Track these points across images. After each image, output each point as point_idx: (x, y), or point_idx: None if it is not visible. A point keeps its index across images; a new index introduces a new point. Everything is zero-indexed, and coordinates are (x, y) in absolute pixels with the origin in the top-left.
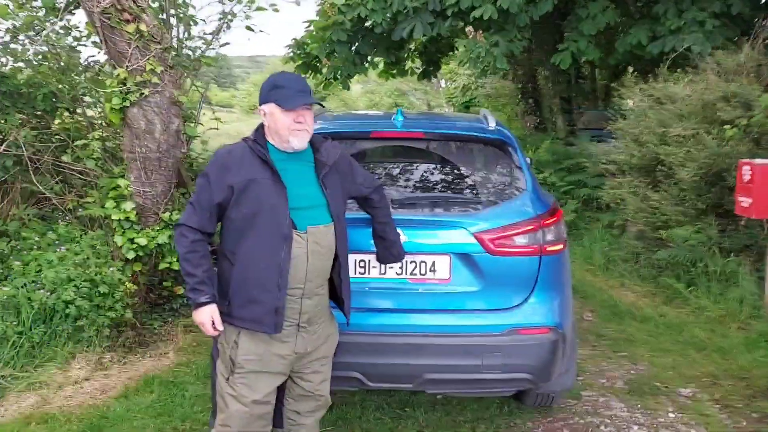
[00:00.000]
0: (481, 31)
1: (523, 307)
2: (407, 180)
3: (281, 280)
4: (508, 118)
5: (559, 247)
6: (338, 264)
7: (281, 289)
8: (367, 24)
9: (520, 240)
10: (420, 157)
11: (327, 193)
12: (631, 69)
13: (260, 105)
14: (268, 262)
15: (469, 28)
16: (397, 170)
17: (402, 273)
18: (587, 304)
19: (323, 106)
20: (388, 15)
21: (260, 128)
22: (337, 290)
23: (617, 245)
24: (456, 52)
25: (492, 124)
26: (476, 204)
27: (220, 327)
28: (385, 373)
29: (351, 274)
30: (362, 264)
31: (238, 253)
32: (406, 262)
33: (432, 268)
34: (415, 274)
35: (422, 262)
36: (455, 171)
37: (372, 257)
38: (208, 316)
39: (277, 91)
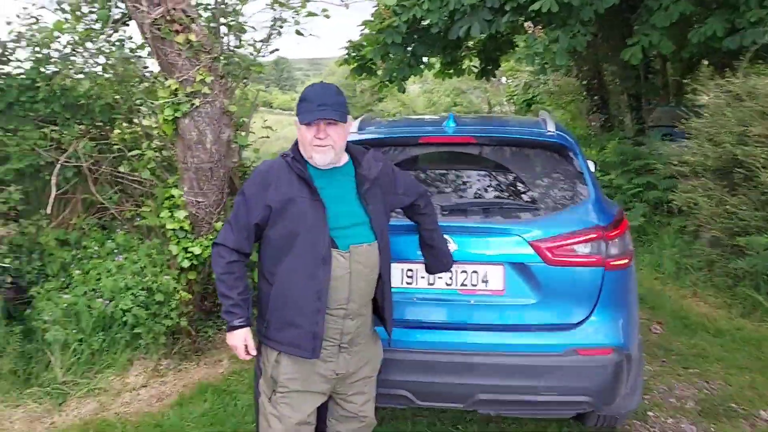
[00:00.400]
0: (540, 27)
1: (583, 326)
2: (458, 186)
3: (319, 303)
4: (572, 116)
5: (625, 261)
6: (381, 282)
7: (319, 313)
8: (422, 24)
9: (581, 250)
10: (472, 162)
11: (369, 210)
12: (705, 62)
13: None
14: (305, 285)
15: (528, 24)
16: (448, 176)
17: (452, 284)
18: (655, 315)
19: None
20: (444, 14)
21: (297, 143)
22: (380, 308)
23: (689, 252)
24: (516, 49)
25: (551, 128)
26: (533, 211)
27: (253, 351)
28: (435, 392)
29: (398, 284)
30: (410, 273)
31: (276, 274)
32: (456, 271)
33: (484, 279)
34: (466, 285)
35: (474, 272)
36: (510, 177)
37: (420, 266)
38: (241, 340)
39: (301, 104)
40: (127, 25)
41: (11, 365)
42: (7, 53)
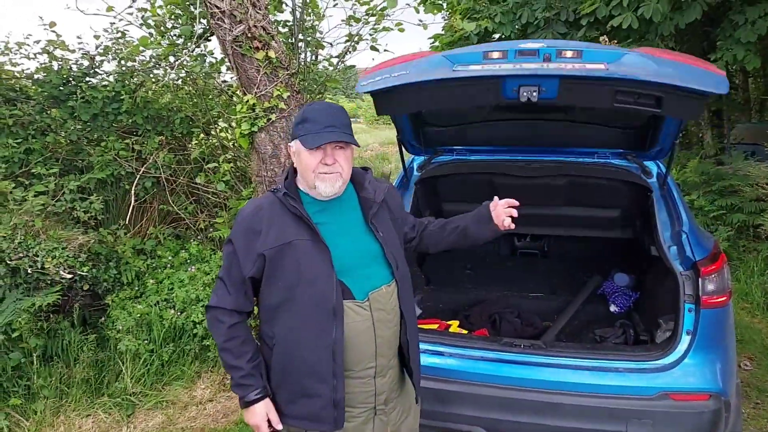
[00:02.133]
0: (616, 41)
1: (678, 368)
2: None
3: (336, 366)
4: None
5: (722, 299)
6: (403, 322)
7: (336, 377)
8: (493, 38)
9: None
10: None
11: (380, 237)
12: None
13: (291, 143)
14: (315, 344)
15: (603, 38)
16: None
17: None
18: (745, 349)
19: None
20: (516, 27)
21: (290, 173)
22: (404, 354)
23: None
24: None
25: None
26: None
27: (279, 426)
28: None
29: None
30: None
31: (276, 336)
32: None
33: None
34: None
35: None
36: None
37: None
38: (262, 416)
39: (303, 125)
40: (209, 40)
41: (84, 373)
42: (94, 66)
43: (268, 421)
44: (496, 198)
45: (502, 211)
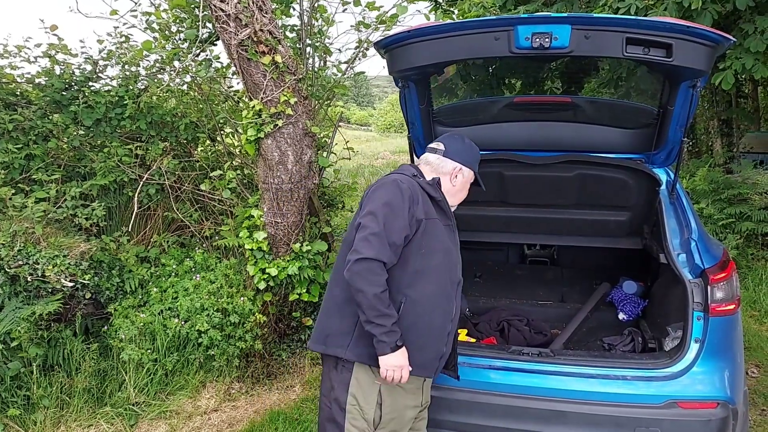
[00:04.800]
0: None
1: (686, 376)
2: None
3: (451, 326)
4: None
5: (731, 307)
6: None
7: (449, 336)
8: None
9: None
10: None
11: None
12: None
13: (460, 163)
14: (444, 310)
15: None
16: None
17: None
18: (752, 357)
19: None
20: None
21: (420, 170)
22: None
23: None
24: (601, 71)
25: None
26: None
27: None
28: None
29: None
30: None
31: (409, 297)
32: None
33: None
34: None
35: None
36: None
37: None
38: (405, 357)
39: (472, 152)
40: (215, 45)
41: (85, 383)
42: (97, 70)
43: None
44: None
45: None
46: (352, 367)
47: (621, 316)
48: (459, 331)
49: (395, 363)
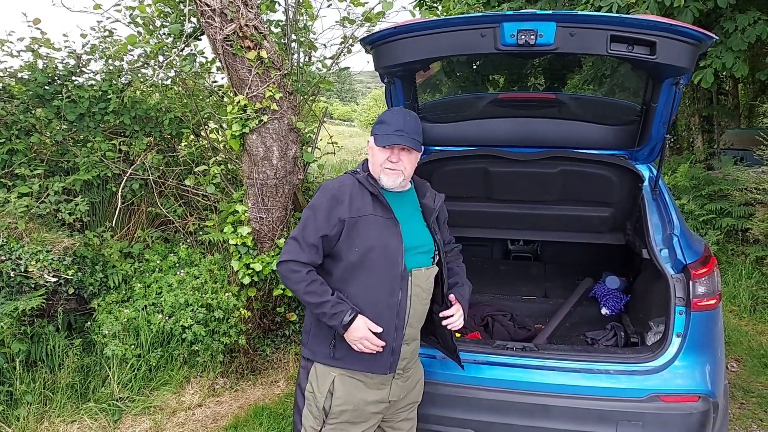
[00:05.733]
0: None
1: (668, 370)
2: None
3: (398, 320)
4: None
5: (712, 302)
6: (445, 307)
7: (398, 330)
8: None
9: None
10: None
11: (438, 240)
12: None
13: (371, 135)
14: (387, 301)
15: None
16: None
17: None
18: (732, 351)
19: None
20: None
21: (365, 162)
22: (438, 334)
23: None
24: (585, 67)
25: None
26: None
27: (379, 328)
28: None
29: None
30: None
31: (350, 294)
32: None
33: None
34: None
35: None
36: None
37: None
38: (364, 328)
39: (379, 126)
40: (199, 39)
41: (69, 379)
42: (81, 65)
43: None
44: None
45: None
46: None
47: (604, 311)
48: None
49: (353, 337)
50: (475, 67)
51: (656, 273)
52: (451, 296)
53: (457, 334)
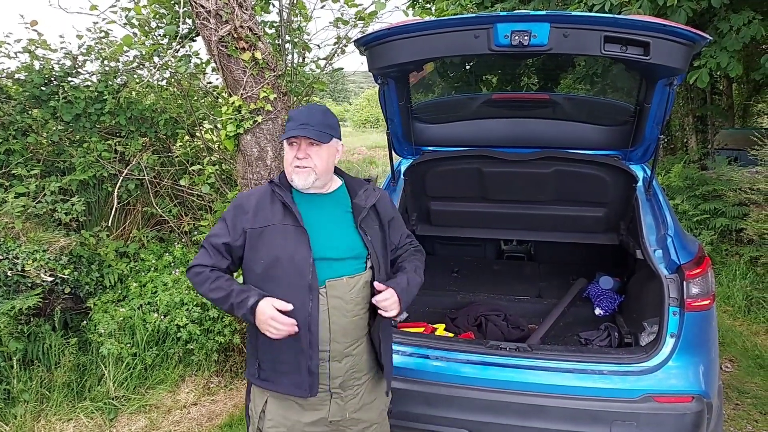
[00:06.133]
0: None
1: (661, 370)
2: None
3: (312, 336)
4: None
5: (707, 302)
6: (378, 319)
7: (313, 347)
8: None
9: None
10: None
11: (368, 241)
12: None
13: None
14: (295, 316)
15: None
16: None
17: None
18: (726, 351)
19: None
20: None
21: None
22: (376, 351)
23: (762, 285)
24: (577, 67)
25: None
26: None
27: (289, 306)
28: None
29: None
30: None
31: None
32: None
33: None
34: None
35: None
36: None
37: None
38: (270, 309)
39: (287, 123)
40: (194, 40)
41: (65, 377)
42: (77, 65)
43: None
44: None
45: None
46: None
47: (597, 311)
48: (437, 326)
49: (261, 321)
50: (468, 67)
51: (650, 273)
52: (376, 283)
53: (450, 334)
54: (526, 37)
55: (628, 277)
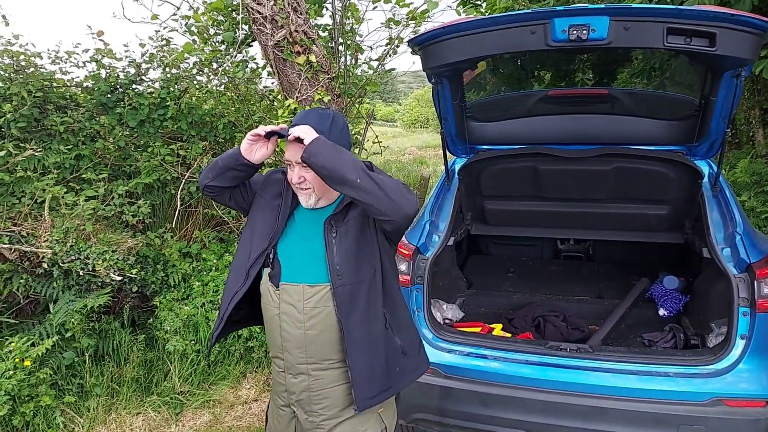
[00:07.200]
0: None
1: (731, 373)
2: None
3: (225, 311)
4: None
5: None
6: (342, 334)
7: (222, 318)
8: None
9: None
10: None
11: (328, 249)
12: None
13: None
14: (229, 288)
15: None
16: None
17: None
18: None
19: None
20: None
21: None
22: (347, 367)
23: None
24: (634, 62)
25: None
26: None
27: (262, 131)
28: None
29: None
30: None
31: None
32: None
33: None
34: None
35: None
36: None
37: None
38: (247, 140)
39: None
40: (250, 46)
41: (134, 373)
42: (140, 73)
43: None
44: None
45: None
46: None
47: (661, 311)
48: (493, 326)
49: (247, 144)
50: (519, 63)
51: (717, 272)
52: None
53: (508, 335)
54: (584, 32)
55: (693, 277)
